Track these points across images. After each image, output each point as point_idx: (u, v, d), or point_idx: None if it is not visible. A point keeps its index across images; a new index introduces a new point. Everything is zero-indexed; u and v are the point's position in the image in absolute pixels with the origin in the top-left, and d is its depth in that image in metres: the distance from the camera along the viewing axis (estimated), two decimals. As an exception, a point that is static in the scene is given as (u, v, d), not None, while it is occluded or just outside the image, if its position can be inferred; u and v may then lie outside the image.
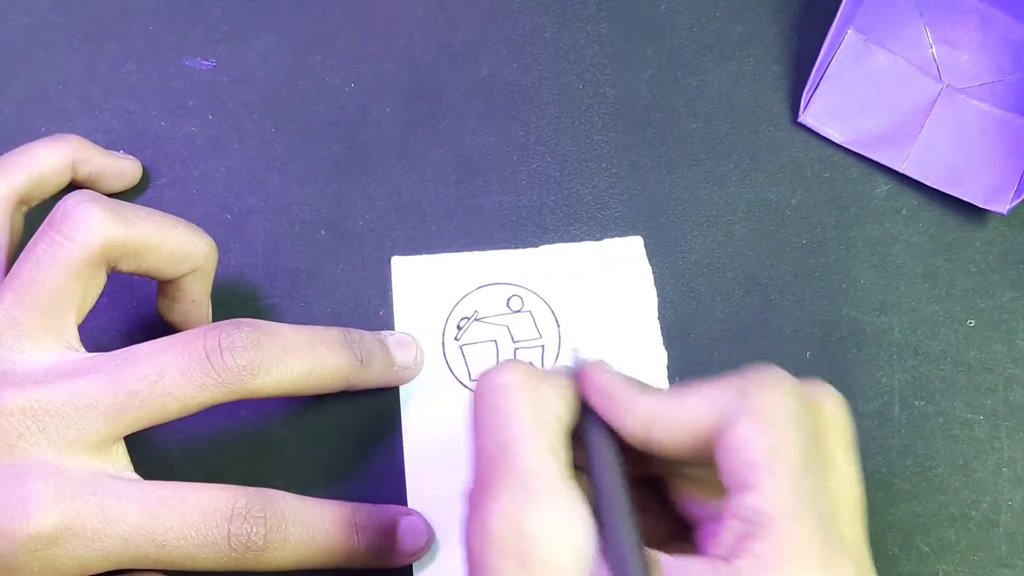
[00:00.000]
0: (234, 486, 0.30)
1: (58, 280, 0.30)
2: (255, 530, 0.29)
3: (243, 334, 0.30)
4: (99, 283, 0.31)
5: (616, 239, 0.39)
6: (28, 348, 0.30)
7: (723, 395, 0.26)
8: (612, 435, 0.28)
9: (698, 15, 0.42)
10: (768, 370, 0.26)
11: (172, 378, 0.29)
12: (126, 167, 0.38)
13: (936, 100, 0.41)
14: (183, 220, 0.33)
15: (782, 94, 0.41)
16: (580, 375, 0.29)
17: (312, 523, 0.31)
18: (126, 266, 0.31)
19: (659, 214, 0.39)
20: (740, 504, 0.24)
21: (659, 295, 0.38)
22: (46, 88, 0.40)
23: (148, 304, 0.37)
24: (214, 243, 0.33)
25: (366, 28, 0.42)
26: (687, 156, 0.40)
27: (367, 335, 0.34)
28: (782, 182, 0.40)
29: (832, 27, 0.40)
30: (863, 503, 0.26)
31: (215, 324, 0.30)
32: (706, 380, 0.27)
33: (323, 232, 0.39)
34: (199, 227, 0.33)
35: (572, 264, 0.39)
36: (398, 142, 0.40)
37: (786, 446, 0.24)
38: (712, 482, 0.26)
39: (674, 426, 0.26)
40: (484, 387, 0.28)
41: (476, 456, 0.27)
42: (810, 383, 0.27)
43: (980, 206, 0.39)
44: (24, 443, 0.28)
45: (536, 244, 0.39)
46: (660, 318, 0.38)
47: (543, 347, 0.38)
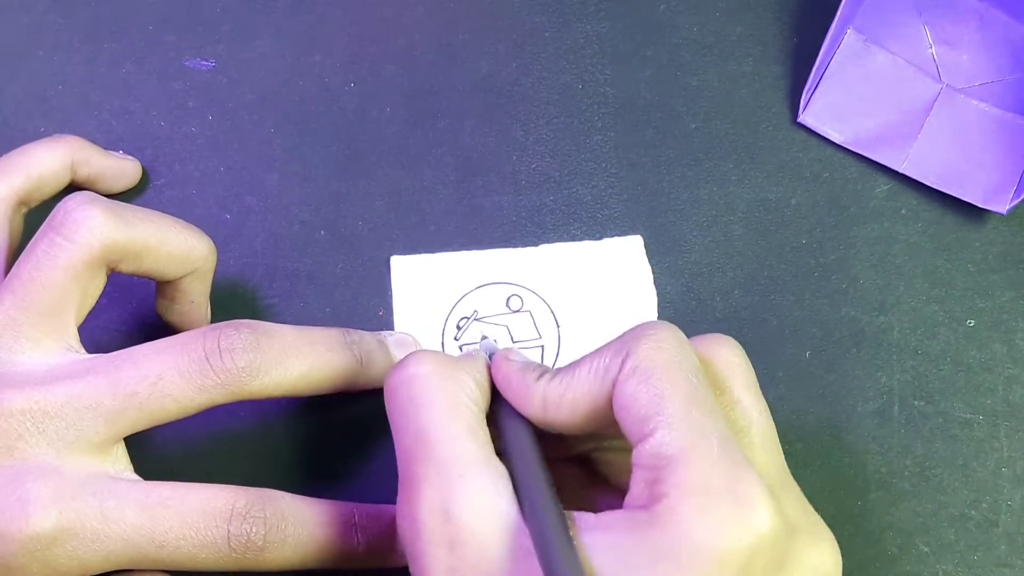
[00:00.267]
0: (234, 486, 0.30)
1: (58, 281, 0.30)
2: (255, 530, 0.29)
3: (242, 335, 0.30)
4: (99, 284, 0.31)
5: (616, 239, 0.39)
6: (27, 349, 0.30)
7: (606, 361, 0.27)
8: (523, 416, 0.29)
9: (698, 15, 0.42)
10: (646, 325, 0.27)
11: (171, 379, 0.29)
12: (126, 167, 0.38)
13: (936, 100, 0.41)
14: (182, 221, 0.33)
15: (782, 94, 0.41)
16: (490, 364, 0.29)
17: (312, 523, 0.31)
18: (126, 267, 0.31)
19: (658, 214, 0.39)
20: (640, 453, 0.25)
21: (659, 295, 0.38)
22: (46, 88, 0.40)
23: (147, 305, 0.37)
24: (213, 244, 0.33)
25: (366, 28, 0.42)
26: (687, 156, 0.40)
27: (367, 335, 0.34)
28: (782, 182, 0.40)
29: (831, 27, 0.40)
30: (774, 434, 0.28)
31: (214, 325, 0.30)
32: (593, 351, 0.28)
33: (322, 232, 0.39)
34: (198, 228, 0.33)
35: (572, 264, 0.39)
36: (398, 142, 0.40)
37: (671, 389, 0.25)
38: (628, 447, 0.27)
39: (567, 404, 0.27)
40: (395, 380, 0.28)
41: (397, 449, 0.28)
42: (704, 336, 0.28)
43: (980, 206, 0.39)
44: (23, 444, 0.28)
45: (536, 243, 0.39)
46: (660, 318, 0.38)
47: (543, 347, 0.38)
